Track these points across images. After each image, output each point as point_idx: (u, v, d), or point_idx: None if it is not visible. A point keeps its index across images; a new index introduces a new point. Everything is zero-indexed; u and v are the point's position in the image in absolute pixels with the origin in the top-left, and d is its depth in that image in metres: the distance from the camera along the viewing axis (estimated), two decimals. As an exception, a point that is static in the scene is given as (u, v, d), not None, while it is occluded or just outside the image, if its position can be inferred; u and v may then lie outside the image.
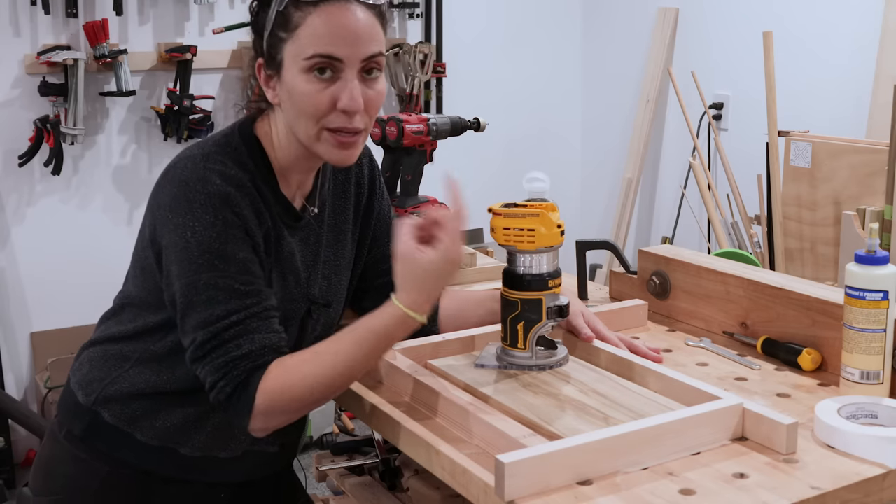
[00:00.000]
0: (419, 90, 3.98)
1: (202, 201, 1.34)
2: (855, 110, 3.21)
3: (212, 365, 1.33)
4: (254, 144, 1.44)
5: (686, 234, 3.87)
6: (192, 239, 1.33)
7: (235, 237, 1.35)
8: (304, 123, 1.39)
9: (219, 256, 1.33)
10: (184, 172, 1.37)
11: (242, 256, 1.35)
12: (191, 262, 1.33)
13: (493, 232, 1.46)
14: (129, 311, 1.49)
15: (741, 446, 1.26)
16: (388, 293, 1.64)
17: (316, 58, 1.35)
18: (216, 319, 1.33)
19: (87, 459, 1.49)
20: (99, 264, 3.51)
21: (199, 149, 1.42)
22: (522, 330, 1.45)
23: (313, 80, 1.36)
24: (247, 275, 1.35)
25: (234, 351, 1.32)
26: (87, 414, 1.48)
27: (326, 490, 2.05)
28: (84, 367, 1.52)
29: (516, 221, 1.44)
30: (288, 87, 1.38)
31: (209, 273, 1.33)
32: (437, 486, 1.67)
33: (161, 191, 1.40)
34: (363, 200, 1.62)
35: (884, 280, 1.36)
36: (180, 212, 1.34)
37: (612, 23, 4.35)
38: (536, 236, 1.43)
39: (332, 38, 1.35)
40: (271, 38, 1.39)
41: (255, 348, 1.33)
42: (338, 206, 1.58)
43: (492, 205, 1.47)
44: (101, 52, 3.39)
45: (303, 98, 1.37)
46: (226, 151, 1.41)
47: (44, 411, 3.39)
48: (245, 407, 1.32)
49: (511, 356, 1.47)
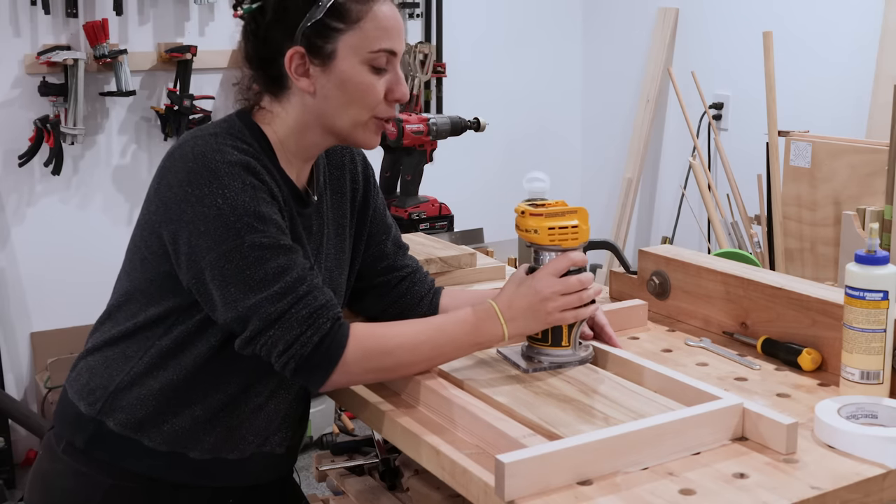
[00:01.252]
0: (419, 90, 3.98)
1: (226, 170, 1.34)
2: (855, 110, 3.21)
3: (294, 319, 1.31)
4: (256, 129, 1.45)
5: (686, 234, 3.87)
6: (224, 205, 1.32)
7: (265, 200, 1.35)
8: (356, 112, 1.43)
9: (257, 217, 1.33)
10: (195, 148, 1.36)
11: (276, 217, 1.36)
12: (228, 227, 1.31)
13: (534, 233, 1.45)
14: (128, 308, 1.46)
15: (741, 446, 1.26)
16: (386, 292, 1.65)
17: (383, 52, 1.42)
18: (276, 276, 1.32)
19: (89, 472, 1.46)
20: (99, 264, 3.50)
21: (203, 130, 1.41)
22: (567, 328, 1.46)
23: (371, 71, 1.42)
24: (284, 234, 1.37)
25: (313, 302, 1.33)
26: (91, 424, 1.45)
27: (326, 490, 2.05)
28: (83, 376, 1.48)
29: (558, 219, 1.44)
30: (341, 78, 1.41)
31: (251, 235, 1.32)
32: (437, 486, 1.68)
33: (169, 172, 1.38)
34: (358, 197, 1.63)
35: (884, 280, 1.36)
36: (203, 183, 1.33)
37: (612, 23, 4.35)
38: (580, 232, 1.45)
39: (392, 32, 1.43)
40: (319, 29, 1.39)
41: (329, 299, 1.35)
42: (335, 201, 1.58)
43: (519, 206, 1.48)
44: (101, 52, 3.39)
45: (360, 88, 1.42)
46: (229, 133, 1.41)
47: (44, 411, 3.39)
48: (333, 355, 1.32)
49: (551, 355, 1.47)
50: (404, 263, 1.67)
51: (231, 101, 3.57)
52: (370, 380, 1.41)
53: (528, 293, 1.41)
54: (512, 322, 1.40)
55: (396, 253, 1.67)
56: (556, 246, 1.44)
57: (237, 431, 1.46)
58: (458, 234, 2.72)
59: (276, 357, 1.33)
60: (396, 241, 1.68)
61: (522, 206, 1.46)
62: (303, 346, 1.31)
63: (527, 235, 1.46)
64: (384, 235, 1.66)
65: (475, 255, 2.00)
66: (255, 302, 1.31)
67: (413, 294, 1.65)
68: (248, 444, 1.48)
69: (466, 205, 3.41)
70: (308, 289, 1.33)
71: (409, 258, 1.69)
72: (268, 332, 1.32)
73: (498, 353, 1.51)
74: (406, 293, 1.65)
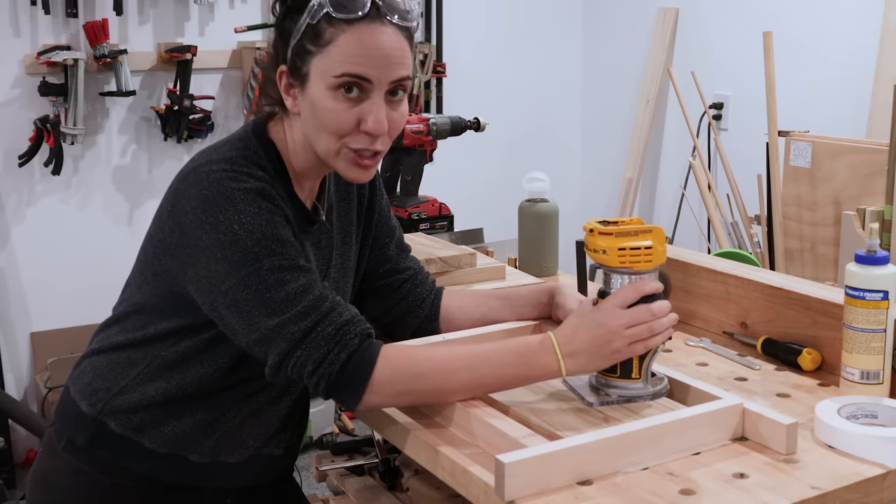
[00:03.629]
0: (419, 90, 3.98)
1: (242, 196, 1.32)
2: (855, 110, 3.21)
3: (321, 337, 1.29)
4: (271, 148, 1.43)
5: (686, 234, 3.87)
6: (240, 231, 1.30)
7: (281, 223, 1.34)
8: (326, 139, 1.37)
9: (275, 241, 1.32)
10: (210, 175, 1.34)
11: (293, 240, 1.35)
12: (245, 252, 1.30)
13: (603, 254, 1.33)
14: (137, 319, 1.46)
15: (741, 446, 1.26)
16: (388, 295, 1.64)
17: (346, 77, 1.34)
18: (298, 297, 1.30)
19: (89, 471, 1.46)
20: (99, 264, 3.51)
21: (218, 153, 1.39)
22: (638, 358, 1.34)
23: (340, 97, 1.35)
24: (303, 256, 1.35)
25: (338, 318, 1.30)
26: (92, 424, 1.45)
27: (326, 490, 2.05)
28: (87, 375, 1.48)
29: (630, 239, 1.32)
30: (312, 101, 1.37)
31: (270, 258, 1.31)
32: (437, 486, 1.67)
33: (184, 196, 1.36)
34: (365, 201, 1.62)
35: (884, 280, 1.36)
36: (219, 210, 1.31)
37: (612, 23, 4.35)
38: (654, 254, 1.33)
39: (364, 58, 1.33)
40: (298, 48, 1.37)
41: (354, 314, 1.32)
42: (342, 209, 1.57)
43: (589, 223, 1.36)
44: (101, 52, 3.39)
45: (327, 114, 1.35)
46: (245, 155, 1.38)
47: (44, 411, 3.38)
48: (363, 374, 1.28)
49: (620, 387, 1.35)
50: (407, 266, 1.66)
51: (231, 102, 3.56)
52: (406, 402, 1.35)
53: (592, 326, 1.31)
54: (571, 358, 1.30)
55: (399, 255, 1.66)
56: (626, 269, 1.32)
57: (237, 435, 1.46)
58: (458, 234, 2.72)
59: (308, 378, 1.30)
60: (399, 243, 1.67)
61: (592, 224, 1.34)
62: (331, 364, 1.29)
63: (595, 256, 1.34)
64: (388, 238, 1.65)
65: (475, 255, 2.00)
66: (279, 323, 1.30)
67: (415, 296, 1.64)
68: (246, 447, 1.48)
69: (466, 205, 3.40)
70: (331, 306, 1.31)
71: (411, 260, 1.68)
72: (295, 352, 1.30)
73: (564, 382, 1.42)
74: (408, 295, 1.64)
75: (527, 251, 2.07)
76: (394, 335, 1.61)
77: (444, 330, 1.63)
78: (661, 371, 1.40)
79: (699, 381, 1.38)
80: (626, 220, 1.35)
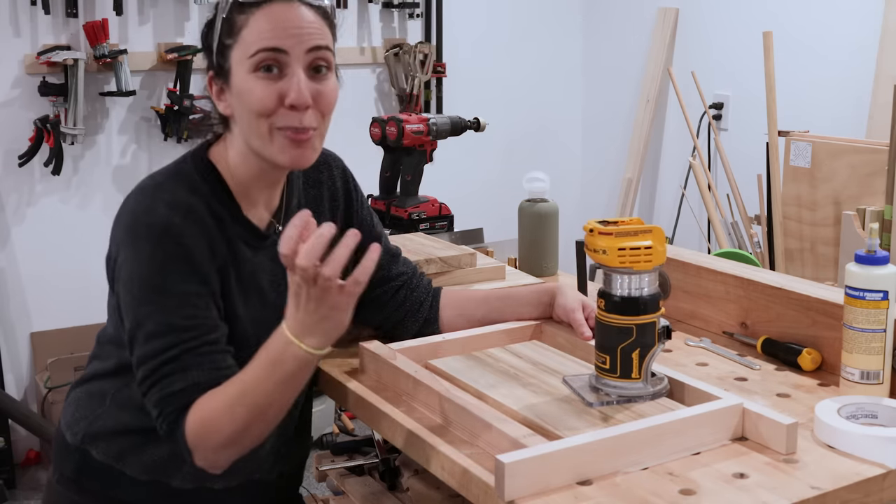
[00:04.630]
0: (419, 90, 3.98)
1: (144, 234, 1.33)
2: (855, 110, 3.21)
3: (151, 401, 1.32)
4: (207, 168, 1.43)
5: (686, 234, 3.87)
6: (134, 274, 1.33)
7: (176, 270, 1.33)
8: (255, 124, 1.37)
9: (157, 290, 1.32)
10: (133, 204, 1.37)
11: (183, 289, 1.33)
12: (133, 296, 1.33)
13: (602, 254, 1.32)
14: (108, 349, 1.48)
15: (741, 446, 1.26)
16: (384, 303, 1.63)
17: (260, 53, 1.34)
18: (154, 355, 1.31)
19: (81, 501, 1.47)
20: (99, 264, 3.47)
21: (152, 179, 1.41)
22: (637, 358, 1.34)
23: (260, 77, 1.35)
24: (187, 308, 1.32)
25: (167, 388, 1.30)
26: (77, 453, 1.47)
27: (326, 490, 2.05)
28: (71, 406, 1.52)
29: (630, 239, 1.32)
30: (237, 91, 1.37)
31: (148, 307, 1.32)
32: (437, 486, 1.67)
33: (117, 224, 1.39)
34: (339, 213, 1.60)
35: (884, 280, 1.36)
36: (127, 244, 1.35)
37: (612, 23, 4.35)
38: (654, 254, 1.32)
39: (274, 31, 1.34)
40: (219, 49, 1.39)
41: (187, 385, 1.30)
42: None
43: (588, 223, 1.34)
44: (101, 52, 3.38)
45: (250, 97, 1.35)
46: (176, 179, 1.40)
47: (44, 411, 3.38)
48: (182, 443, 1.30)
49: (620, 388, 1.35)
50: (399, 272, 1.65)
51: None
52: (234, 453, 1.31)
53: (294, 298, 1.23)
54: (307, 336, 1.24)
55: (390, 262, 1.64)
56: (626, 269, 1.31)
57: None
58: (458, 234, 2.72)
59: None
60: (387, 249, 1.65)
61: (592, 224, 1.33)
62: (160, 429, 1.32)
63: (595, 256, 1.33)
64: None
65: (475, 255, 2.00)
66: (137, 374, 1.33)
67: (412, 301, 1.64)
68: (234, 472, 1.40)
69: (466, 205, 3.40)
70: (170, 371, 1.30)
71: (403, 264, 1.66)
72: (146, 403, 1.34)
73: (564, 382, 1.43)
74: (405, 301, 1.63)
75: (527, 251, 2.07)
76: (396, 340, 1.60)
77: (444, 331, 1.63)
78: (661, 371, 1.40)
79: (699, 381, 1.38)
80: (626, 220, 1.34)
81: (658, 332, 1.35)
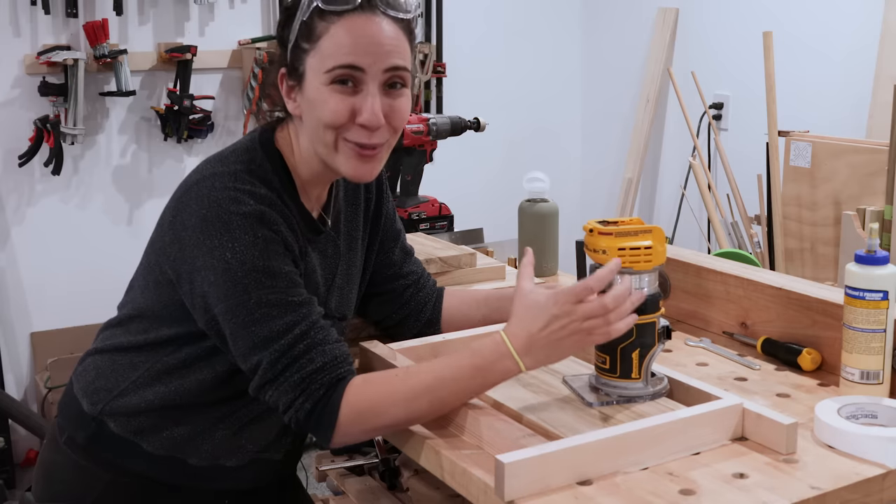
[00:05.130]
0: (419, 90, 3.98)
1: (239, 222, 1.31)
2: (855, 110, 3.21)
3: (287, 383, 1.29)
4: (277, 158, 1.42)
5: (686, 234, 3.87)
6: (233, 260, 1.30)
7: (277, 252, 1.33)
8: (323, 134, 1.36)
9: (265, 273, 1.31)
10: (212, 192, 1.33)
11: (287, 270, 1.33)
12: (235, 283, 1.30)
13: (602, 254, 1.32)
14: (140, 323, 1.46)
15: (741, 446, 1.26)
16: (390, 300, 1.64)
17: (337, 69, 1.33)
18: (279, 335, 1.30)
19: (88, 466, 1.47)
20: (99, 264, 3.51)
21: (224, 166, 1.37)
22: (637, 358, 1.34)
23: (335, 91, 1.34)
24: (295, 287, 1.33)
25: (308, 366, 1.29)
26: (93, 423, 1.46)
27: (326, 490, 2.05)
28: (89, 374, 1.49)
29: (630, 239, 1.32)
30: (309, 99, 1.36)
31: (259, 291, 1.30)
32: (437, 486, 1.67)
33: (186, 210, 1.35)
34: (372, 206, 1.61)
35: (884, 280, 1.36)
36: (215, 233, 1.31)
37: (612, 23, 4.35)
38: (654, 254, 1.32)
39: (354, 47, 1.32)
40: (295, 48, 1.37)
41: (328, 360, 1.30)
42: (350, 215, 1.56)
43: (588, 223, 1.34)
44: (101, 52, 3.38)
45: (323, 108, 1.34)
46: (251, 169, 1.37)
47: (44, 411, 3.39)
48: (328, 421, 1.28)
49: (620, 388, 1.35)
50: (410, 270, 1.66)
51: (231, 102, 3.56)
52: (375, 435, 1.37)
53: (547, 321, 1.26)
54: (528, 356, 1.27)
55: (403, 260, 1.66)
56: (626, 269, 1.31)
57: (236, 440, 1.46)
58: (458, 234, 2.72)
59: (282, 414, 1.32)
60: (403, 247, 1.67)
61: (592, 224, 1.33)
62: (297, 412, 1.30)
63: (595, 256, 1.33)
64: (393, 243, 1.65)
65: (475, 255, 2.00)
66: (257, 360, 1.31)
67: (417, 301, 1.64)
68: (246, 452, 1.48)
69: (466, 205, 3.40)
70: (305, 348, 1.30)
71: (414, 264, 1.68)
72: (268, 391, 1.32)
73: (564, 382, 1.43)
74: (410, 300, 1.64)
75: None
76: (396, 338, 1.61)
77: (445, 331, 1.63)
78: (661, 371, 1.40)
79: (699, 381, 1.38)
80: (626, 220, 1.34)
81: (658, 332, 1.35)
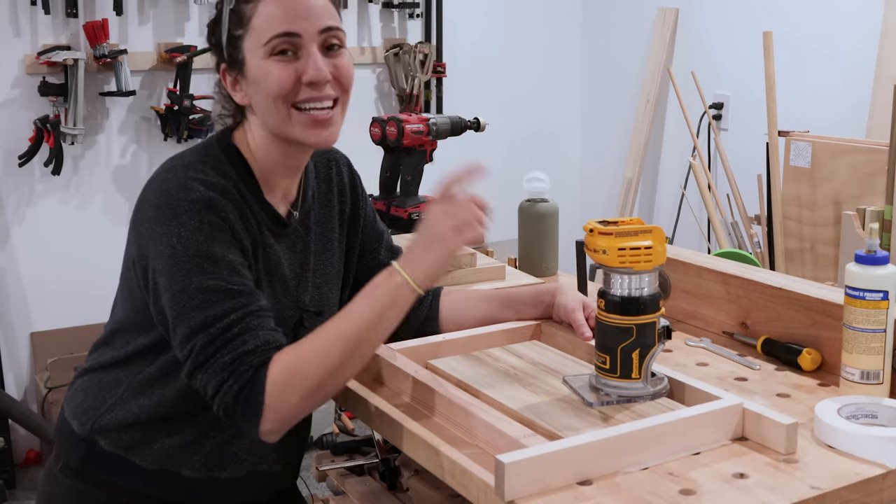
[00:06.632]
0: (419, 90, 3.98)
1: (186, 207, 1.33)
2: (855, 110, 3.21)
3: (217, 365, 1.29)
4: (233, 153, 1.44)
5: (686, 234, 3.87)
6: (178, 245, 1.31)
7: (222, 239, 1.34)
8: (274, 107, 1.39)
9: (208, 259, 1.32)
10: (164, 183, 1.36)
11: (231, 258, 1.34)
12: (179, 268, 1.31)
13: (602, 254, 1.32)
14: (122, 336, 1.47)
15: (741, 446, 1.26)
16: None
17: (274, 39, 1.37)
18: (215, 320, 1.30)
19: (85, 490, 1.47)
20: (99, 264, 3.50)
21: (179, 160, 1.41)
22: (637, 358, 1.34)
23: (277, 61, 1.37)
24: (237, 276, 1.34)
25: (239, 347, 1.29)
26: (83, 443, 1.46)
27: (326, 490, 2.05)
28: (78, 395, 1.50)
29: (630, 239, 1.32)
30: (253, 79, 1.39)
31: (199, 276, 1.31)
32: (437, 486, 1.67)
33: (143, 205, 1.38)
34: (347, 209, 1.61)
35: (884, 280, 1.36)
36: (164, 220, 1.33)
37: (612, 23, 4.35)
38: (654, 254, 1.32)
39: (286, 15, 1.37)
40: (229, 40, 1.40)
41: (259, 343, 1.30)
42: (323, 216, 1.57)
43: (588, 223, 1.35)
44: (101, 52, 3.39)
45: (268, 80, 1.37)
46: (205, 161, 1.40)
47: (44, 411, 3.39)
48: (255, 404, 1.28)
49: (620, 388, 1.35)
50: None
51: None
52: (309, 407, 1.32)
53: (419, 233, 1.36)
54: (411, 267, 1.33)
55: (390, 259, 1.64)
56: (626, 269, 1.31)
57: (228, 449, 1.46)
58: (458, 234, 2.71)
59: (210, 401, 1.32)
60: (389, 246, 1.67)
61: (592, 224, 1.34)
62: (225, 395, 1.29)
63: (595, 256, 1.33)
64: (377, 244, 1.65)
65: (475, 255, 2.00)
66: (191, 346, 1.31)
67: None
68: (241, 462, 1.47)
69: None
70: (239, 332, 1.30)
71: None
72: (198, 375, 1.31)
73: (564, 382, 1.43)
74: None
75: (527, 251, 2.07)
76: (395, 338, 1.60)
77: (444, 330, 1.63)
78: (661, 371, 1.40)
79: (699, 381, 1.38)
80: (626, 220, 1.34)
81: (658, 332, 1.35)
